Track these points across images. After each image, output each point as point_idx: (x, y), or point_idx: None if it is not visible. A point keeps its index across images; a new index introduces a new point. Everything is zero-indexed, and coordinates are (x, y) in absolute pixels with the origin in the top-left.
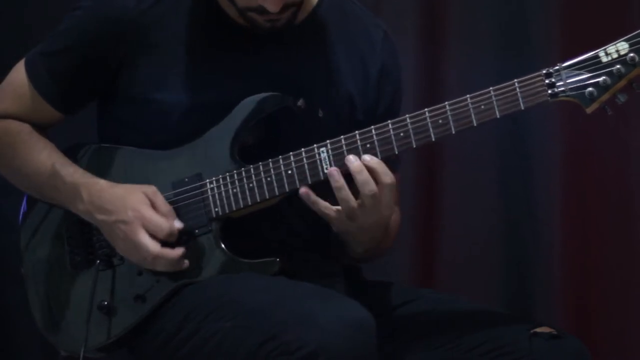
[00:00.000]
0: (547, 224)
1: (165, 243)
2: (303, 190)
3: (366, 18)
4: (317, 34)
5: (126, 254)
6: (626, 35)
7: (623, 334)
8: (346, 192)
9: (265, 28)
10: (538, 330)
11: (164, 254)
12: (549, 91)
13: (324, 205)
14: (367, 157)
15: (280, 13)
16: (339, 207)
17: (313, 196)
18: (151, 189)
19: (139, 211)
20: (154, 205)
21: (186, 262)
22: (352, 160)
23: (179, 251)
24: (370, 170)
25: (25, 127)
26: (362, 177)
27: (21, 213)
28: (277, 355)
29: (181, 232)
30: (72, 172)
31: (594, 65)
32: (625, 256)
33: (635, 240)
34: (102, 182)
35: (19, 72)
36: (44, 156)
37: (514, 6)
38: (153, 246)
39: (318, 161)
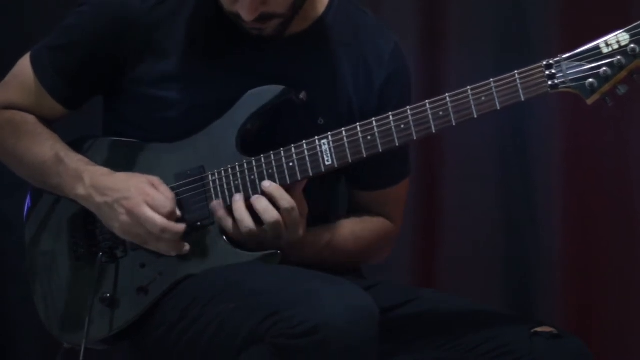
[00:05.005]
0: (548, 223)
1: None
2: (215, 203)
3: (376, 28)
4: (322, 41)
5: (128, 231)
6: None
7: (623, 334)
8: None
9: (253, 34)
10: (539, 329)
11: (170, 227)
12: (549, 82)
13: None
14: (265, 184)
15: (261, 23)
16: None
17: (222, 211)
18: (155, 178)
19: (142, 189)
20: (156, 188)
21: (187, 245)
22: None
23: (182, 226)
24: (268, 197)
25: (30, 118)
26: (261, 205)
27: (25, 208)
28: (277, 329)
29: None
30: (77, 160)
31: (594, 56)
32: (626, 256)
33: (636, 240)
34: (105, 169)
35: (24, 66)
36: (48, 146)
37: (514, 6)
38: (159, 218)
39: (319, 153)
